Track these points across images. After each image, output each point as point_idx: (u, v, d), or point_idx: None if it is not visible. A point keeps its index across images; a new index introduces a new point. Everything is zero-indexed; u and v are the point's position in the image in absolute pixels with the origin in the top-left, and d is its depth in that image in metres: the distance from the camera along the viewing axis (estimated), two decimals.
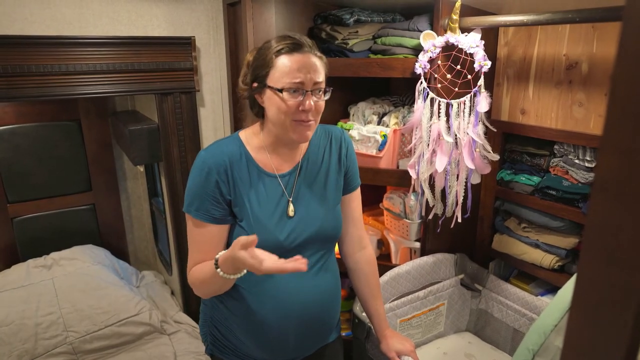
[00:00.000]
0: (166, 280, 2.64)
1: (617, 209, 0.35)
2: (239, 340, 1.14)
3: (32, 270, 2.24)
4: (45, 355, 1.87)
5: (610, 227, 0.35)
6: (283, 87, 1.00)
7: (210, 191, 1.04)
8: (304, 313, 1.11)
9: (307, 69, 1.01)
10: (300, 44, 1.02)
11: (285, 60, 1.00)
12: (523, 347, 1.22)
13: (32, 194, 2.52)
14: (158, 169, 2.43)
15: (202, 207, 1.05)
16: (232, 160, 1.05)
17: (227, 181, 1.05)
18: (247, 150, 1.08)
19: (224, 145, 1.08)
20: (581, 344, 0.41)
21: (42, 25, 1.59)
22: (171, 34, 1.83)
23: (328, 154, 1.18)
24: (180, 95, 1.89)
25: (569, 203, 1.59)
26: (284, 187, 1.10)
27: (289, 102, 1.00)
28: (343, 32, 1.75)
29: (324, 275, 1.15)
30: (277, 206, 1.09)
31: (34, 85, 1.60)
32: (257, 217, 1.06)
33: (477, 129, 1.55)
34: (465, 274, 1.84)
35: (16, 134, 2.40)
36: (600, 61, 1.45)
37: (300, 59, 1.01)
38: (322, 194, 1.15)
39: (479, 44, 1.49)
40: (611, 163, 0.34)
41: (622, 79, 0.32)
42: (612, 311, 0.37)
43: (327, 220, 1.14)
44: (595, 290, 0.39)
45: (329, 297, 1.17)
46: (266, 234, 1.05)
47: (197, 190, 1.05)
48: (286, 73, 0.99)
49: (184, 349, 2.02)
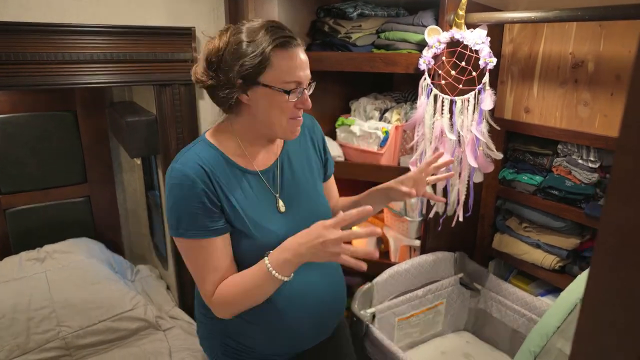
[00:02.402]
0: (162, 275, 2.61)
1: (632, 210, 0.33)
2: (257, 342, 1.11)
3: (24, 263, 2.20)
4: (38, 350, 1.84)
5: (625, 229, 0.34)
6: (286, 88, 0.94)
7: (200, 204, 0.95)
8: (316, 303, 1.10)
9: (303, 67, 0.97)
10: (292, 37, 0.96)
11: (284, 58, 0.94)
12: (524, 348, 1.21)
13: (26, 185, 2.48)
14: (155, 161, 2.40)
15: (195, 224, 0.95)
16: (211, 166, 0.97)
17: (213, 188, 0.97)
18: (222, 152, 1.01)
19: (196, 152, 0.99)
20: (592, 350, 0.39)
21: (38, 12, 1.55)
22: (171, 24, 1.79)
23: (304, 144, 1.16)
24: (179, 87, 1.86)
25: (571, 203, 1.57)
26: (267, 183, 1.07)
27: (292, 102, 0.96)
28: (346, 25, 1.72)
29: (328, 264, 1.15)
30: (267, 203, 1.05)
31: (29, 74, 1.56)
32: (251, 217, 1.01)
33: (480, 126, 1.53)
34: (464, 273, 1.82)
35: (10, 123, 2.36)
36: (607, 60, 1.43)
37: (297, 55, 0.95)
38: (308, 184, 1.13)
39: (484, 40, 1.47)
40: (627, 163, 0.33)
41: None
42: (625, 316, 0.35)
43: (319, 210, 1.12)
44: (607, 294, 0.37)
45: (335, 280, 1.18)
46: (267, 234, 1.01)
47: (184, 208, 0.95)
48: (287, 72, 0.94)
49: (179, 345, 1.99)
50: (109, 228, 2.77)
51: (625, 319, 0.34)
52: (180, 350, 1.96)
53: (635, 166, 0.32)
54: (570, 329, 1.13)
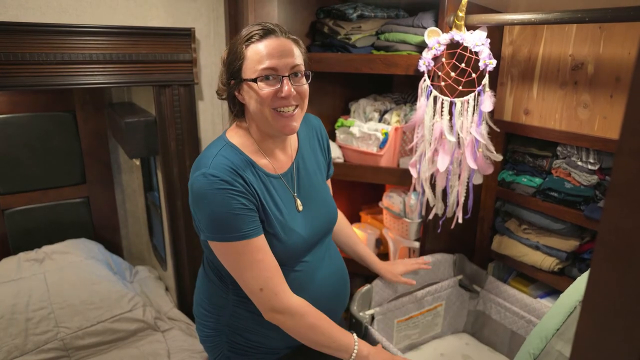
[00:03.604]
0: (160, 276, 2.60)
1: (632, 212, 0.33)
2: (266, 337, 1.12)
3: (23, 264, 2.20)
4: (36, 351, 1.83)
5: (625, 231, 0.34)
6: (257, 77, 0.95)
7: (242, 205, 0.94)
8: (329, 297, 1.15)
9: (280, 53, 0.96)
10: (269, 29, 0.97)
11: (254, 49, 0.96)
12: (524, 351, 1.20)
13: (25, 186, 2.47)
14: (154, 162, 2.39)
15: (243, 226, 0.95)
16: (242, 170, 0.98)
17: (247, 190, 0.97)
18: (248, 157, 1.03)
19: (225, 156, 0.99)
20: (592, 352, 0.39)
21: (37, 12, 1.55)
22: (170, 24, 1.79)
23: (314, 144, 1.20)
24: (178, 88, 1.86)
25: (570, 205, 1.57)
26: (287, 185, 1.10)
27: (265, 91, 0.96)
28: (346, 27, 1.72)
29: (334, 255, 1.20)
30: (289, 205, 1.08)
31: (28, 74, 1.56)
32: (281, 222, 1.03)
33: (480, 128, 1.52)
34: (464, 275, 1.82)
35: (9, 123, 2.35)
36: (607, 62, 1.43)
37: (271, 44, 0.96)
38: (319, 184, 1.18)
39: (484, 42, 1.47)
40: (627, 166, 0.33)
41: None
42: (625, 319, 0.35)
43: (330, 208, 1.18)
44: (607, 297, 0.37)
45: (342, 276, 1.22)
46: (295, 236, 1.04)
47: (227, 212, 0.93)
48: (257, 61, 0.95)
49: (178, 347, 1.98)
50: (108, 229, 2.77)
51: (625, 321, 0.34)
52: (179, 351, 1.96)
53: (636, 168, 0.31)
54: (569, 331, 1.13)
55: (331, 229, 1.20)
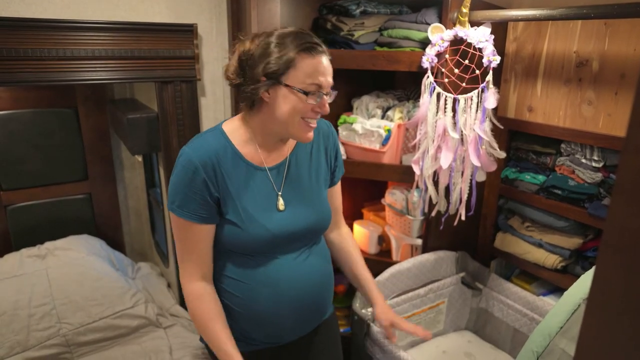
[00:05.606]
0: (162, 273, 2.61)
1: (638, 211, 0.32)
2: (243, 329, 1.14)
3: (25, 260, 2.20)
4: (38, 347, 1.84)
5: (631, 230, 0.33)
6: (306, 89, 1.00)
7: (198, 190, 1.02)
8: (297, 299, 1.13)
9: (326, 72, 1.02)
10: (318, 44, 1.02)
11: (308, 62, 0.99)
12: (527, 348, 1.20)
13: (27, 182, 2.47)
14: (157, 159, 2.39)
15: (188, 206, 1.03)
16: (218, 156, 1.04)
17: (215, 178, 1.03)
18: (232, 144, 1.07)
19: (208, 140, 1.05)
20: (597, 350, 0.39)
21: (39, 8, 1.54)
22: (172, 20, 1.78)
23: (317, 149, 1.19)
24: (180, 84, 1.85)
25: (574, 203, 1.56)
26: (272, 181, 1.11)
27: (309, 104, 1.01)
28: (349, 23, 1.71)
29: (315, 259, 1.17)
30: (267, 199, 1.09)
31: (30, 70, 1.55)
32: (247, 211, 1.06)
33: (483, 125, 1.52)
34: (466, 272, 1.82)
35: (11, 119, 2.35)
36: (612, 59, 1.42)
37: (321, 61, 1.01)
38: (311, 188, 1.16)
39: (488, 38, 1.46)
40: (634, 164, 0.32)
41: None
42: (631, 319, 0.34)
43: (317, 214, 1.16)
44: (613, 296, 0.36)
45: (320, 281, 1.19)
46: (257, 226, 1.06)
47: (182, 189, 1.03)
48: (309, 75, 0.99)
49: (180, 343, 1.99)
50: (110, 225, 2.77)
51: (631, 319, 0.34)
52: (181, 348, 1.96)
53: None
54: (573, 329, 1.12)
55: (316, 234, 1.17)
